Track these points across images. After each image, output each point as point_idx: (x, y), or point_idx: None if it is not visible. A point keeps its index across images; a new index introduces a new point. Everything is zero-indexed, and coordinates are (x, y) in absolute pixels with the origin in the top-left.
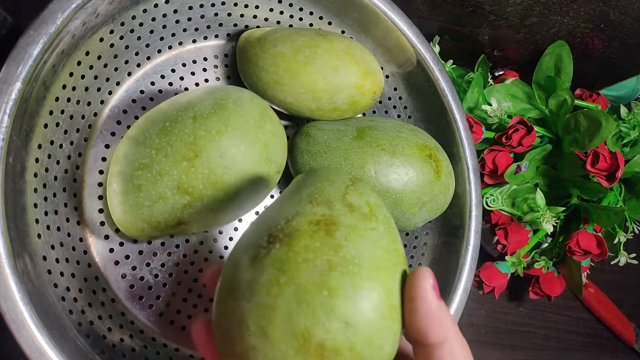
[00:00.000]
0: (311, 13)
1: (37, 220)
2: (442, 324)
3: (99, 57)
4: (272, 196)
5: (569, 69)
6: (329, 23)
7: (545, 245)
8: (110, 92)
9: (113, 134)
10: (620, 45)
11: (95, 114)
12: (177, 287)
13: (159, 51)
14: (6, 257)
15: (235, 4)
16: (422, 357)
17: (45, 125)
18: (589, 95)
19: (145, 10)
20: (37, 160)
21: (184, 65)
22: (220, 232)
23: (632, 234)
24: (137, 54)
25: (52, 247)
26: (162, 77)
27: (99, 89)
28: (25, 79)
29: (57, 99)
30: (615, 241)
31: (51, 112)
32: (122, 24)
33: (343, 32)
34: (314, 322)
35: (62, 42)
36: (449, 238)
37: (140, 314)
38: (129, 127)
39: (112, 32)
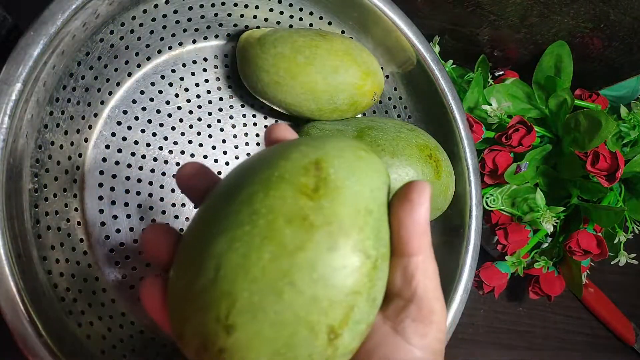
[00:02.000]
0: (311, 13)
1: (37, 221)
2: (422, 237)
3: (99, 58)
4: None
5: (569, 69)
6: (329, 23)
7: (545, 245)
8: (110, 93)
9: (113, 134)
10: (620, 45)
11: (95, 115)
12: None
13: (159, 52)
14: (6, 257)
15: (235, 4)
16: (398, 267)
17: (46, 126)
18: (589, 96)
19: (145, 11)
20: (37, 160)
21: (184, 65)
22: None
23: (632, 234)
24: (137, 54)
25: (52, 247)
26: (162, 77)
27: (99, 90)
28: (25, 80)
29: (57, 100)
30: (615, 241)
31: (51, 113)
32: (122, 24)
33: (343, 32)
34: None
35: (62, 42)
36: (449, 238)
37: (140, 314)
38: (129, 127)
39: (112, 32)
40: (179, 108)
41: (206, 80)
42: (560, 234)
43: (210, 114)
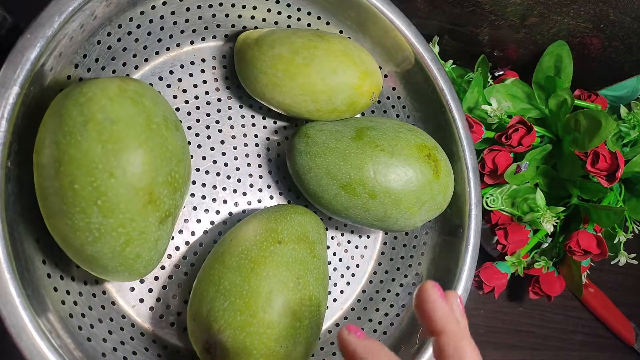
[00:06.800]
0: (309, 13)
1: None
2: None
3: (97, 60)
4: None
5: (568, 69)
6: (327, 23)
7: (545, 245)
8: None
9: None
10: (620, 45)
11: None
12: (177, 289)
13: (157, 53)
14: (6, 261)
15: (233, 5)
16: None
17: None
18: (588, 96)
19: (142, 12)
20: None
21: (182, 66)
22: (220, 233)
23: (632, 234)
24: (134, 56)
25: (52, 250)
26: (160, 79)
27: None
28: (22, 83)
29: None
30: (615, 241)
31: None
32: (120, 26)
33: (341, 32)
34: None
35: (59, 45)
36: (449, 238)
37: (141, 316)
38: None
39: (109, 34)
40: (177, 110)
41: (204, 82)
42: (560, 234)
43: (208, 115)
